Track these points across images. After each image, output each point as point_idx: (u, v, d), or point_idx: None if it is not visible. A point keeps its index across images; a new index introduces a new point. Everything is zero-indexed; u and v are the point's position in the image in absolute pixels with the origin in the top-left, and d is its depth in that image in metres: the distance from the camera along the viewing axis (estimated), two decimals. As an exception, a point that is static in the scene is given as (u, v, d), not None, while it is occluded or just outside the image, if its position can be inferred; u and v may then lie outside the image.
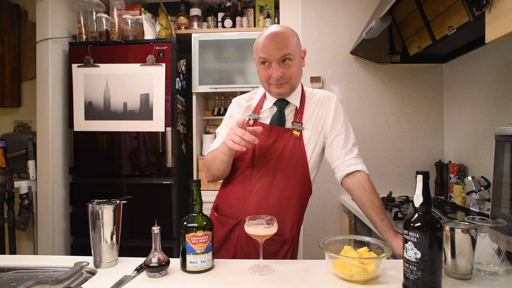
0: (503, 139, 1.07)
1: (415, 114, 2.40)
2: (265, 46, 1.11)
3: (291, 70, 1.13)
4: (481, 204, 1.63)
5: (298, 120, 1.20)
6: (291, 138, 1.18)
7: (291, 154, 1.17)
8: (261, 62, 1.15)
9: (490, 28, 1.10)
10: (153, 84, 2.26)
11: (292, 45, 1.11)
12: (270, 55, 1.10)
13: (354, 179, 1.17)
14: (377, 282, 0.87)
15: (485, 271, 0.91)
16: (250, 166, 1.19)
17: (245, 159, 1.20)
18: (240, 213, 1.17)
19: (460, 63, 2.15)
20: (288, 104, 1.23)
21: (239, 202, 1.19)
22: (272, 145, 1.18)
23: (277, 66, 1.11)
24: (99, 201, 1.01)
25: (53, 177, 2.31)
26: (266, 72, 1.14)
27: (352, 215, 2.08)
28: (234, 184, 1.22)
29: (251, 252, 1.16)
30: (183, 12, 2.64)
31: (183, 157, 2.50)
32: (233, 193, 1.22)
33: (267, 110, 1.24)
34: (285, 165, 1.17)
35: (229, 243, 1.19)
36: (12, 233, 2.32)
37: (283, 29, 1.13)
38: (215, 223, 1.22)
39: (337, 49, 2.44)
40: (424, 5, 1.84)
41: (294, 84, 1.17)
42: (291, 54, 1.11)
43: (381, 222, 1.10)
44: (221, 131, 1.31)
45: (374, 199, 1.12)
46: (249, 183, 1.18)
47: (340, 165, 1.20)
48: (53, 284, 0.80)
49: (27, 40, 2.65)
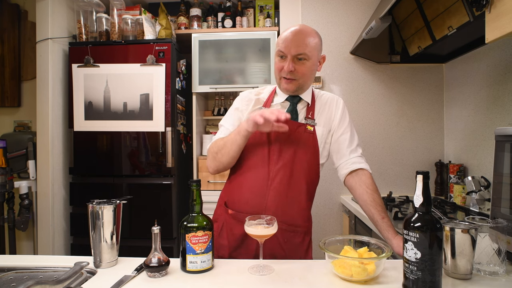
0: (503, 139, 1.07)
1: (415, 114, 2.40)
2: (285, 40, 1.15)
3: (303, 69, 1.16)
4: (481, 204, 1.63)
5: (310, 116, 1.23)
6: (305, 133, 1.20)
7: (306, 148, 1.19)
8: (278, 55, 1.18)
9: (490, 28, 1.10)
10: (153, 84, 2.26)
11: (310, 46, 1.14)
12: (287, 50, 1.14)
13: (357, 177, 1.19)
14: (377, 282, 0.87)
15: (485, 271, 0.91)
16: (266, 159, 1.18)
17: (259, 153, 1.19)
18: (260, 208, 1.16)
19: (460, 63, 2.15)
20: (301, 100, 1.25)
21: (257, 197, 1.17)
22: (288, 139, 1.18)
23: (290, 61, 1.14)
24: (99, 201, 1.01)
25: (53, 177, 2.30)
26: (280, 64, 1.17)
27: (352, 215, 2.07)
28: (249, 179, 1.20)
29: (274, 246, 1.13)
30: (183, 12, 2.64)
31: (183, 157, 2.50)
32: (248, 188, 1.19)
33: (278, 105, 1.25)
34: (301, 159, 1.18)
35: (249, 240, 1.14)
36: (12, 233, 2.32)
37: (307, 29, 1.17)
38: (229, 220, 1.20)
39: (337, 49, 2.44)
40: (424, 5, 1.84)
41: (302, 84, 1.19)
42: (306, 54, 1.14)
43: (382, 221, 1.11)
44: (225, 123, 1.29)
45: (376, 197, 1.14)
46: (267, 177, 1.17)
47: (344, 162, 1.23)
48: (53, 284, 0.80)
49: (27, 40, 2.65)
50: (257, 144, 1.20)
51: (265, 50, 2.45)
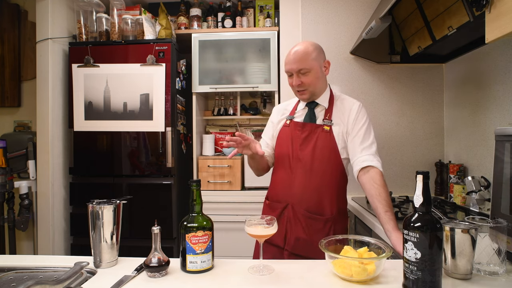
0: (503, 139, 1.07)
1: (415, 114, 2.40)
2: (288, 62, 1.37)
3: (308, 79, 1.35)
4: (481, 204, 1.63)
5: (328, 117, 1.40)
6: (322, 132, 1.38)
7: (323, 145, 1.36)
8: (287, 74, 1.41)
9: (490, 28, 1.10)
10: (153, 84, 2.26)
11: (309, 60, 1.34)
12: (290, 68, 1.37)
13: (368, 174, 1.29)
14: (377, 282, 0.87)
15: (485, 271, 0.91)
16: (291, 157, 1.40)
17: (285, 152, 1.42)
18: (288, 197, 1.38)
19: (460, 63, 2.15)
20: (318, 105, 1.43)
21: (285, 188, 1.40)
22: (307, 138, 1.39)
23: (296, 76, 1.36)
24: (99, 201, 1.01)
25: (53, 177, 2.30)
26: (290, 81, 1.40)
27: (352, 215, 2.07)
28: (279, 174, 1.44)
29: (298, 230, 1.34)
30: (183, 12, 2.64)
31: (183, 157, 2.50)
32: (279, 181, 1.43)
33: (300, 111, 1.47)
34: (319, 155, 1.35)
35: (280, 224, 1.35)
36: (12, 233, 2.32)
37: (303, 47, 1.36)
38: (266, 209, 1.47)
39: (337, 49, 2.44)
40: (424, 5, 1.83)
41: (314, 90, 1.39)
42: (307, 68, 1.34)
43: (385, 214, 1.16)
44: (264, 135, 1.58)
45: (382, 192, 1.23)
46: (292, 172, 1.38)
47: (356, 160, 1.34)
48: (53, 284, 0.80)
49: (27, 40, 2.65)
50: (283, 146, 1.44)
51: (265, 50, 2.45)
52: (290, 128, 1.44)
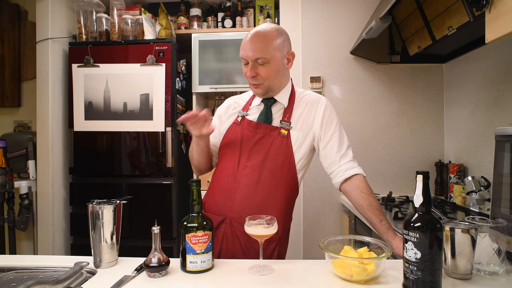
0: (503, 139, 1.07)
1: (415, 114, 2.40)
2: (244, 46, 1.14)
3: (264, 72, 1.13)
4: (481, 204, 1.63)
5: (286, 119, 1.19)
6: (278, 137, 1.17)
7: (277, 153, 1.16)
8: (242, 61, 1.18)
9: (490, 28, 1.10)
10: (153, 84, 2.26)
11: (269, 49, 1.11)
12: (246, 56, 1.13)
13: (352, 183, 1.15)
14: (377, 282, 0.87)
15: (485, 271, 0.91)
16: (236, 162, 1.18)
17: (231, 155, 1.20)
18: (226, 209, 1.16)
19: (460, 63, 2.15)
20: (276, 102, 1.22)
21: (224, 198, 1.18)
22: (259, 142, 1.18)
23: (251, 66, 1.13)
24: (99, 201, 1.01)
25: (53, 177, 2.30)
26: (244, 70, 1.17)
27: (352, 215, 2.07)
28: (220, 180, 1.22)
29: (236, 251, 1.14)
30: (183, 12, 2.64)
31: (183, 157, 2.50)
32: (219, 189, 1.21)
33: (255, 107, 1.25)
34: (271, 163, 1.16)
35: (215, 240, 1.15)
36: (12, 233, 2.32)
37: (265, 31, 1.14)
38: None
39: (337, 49, 2.44)
40: (424, 5, 1.83)
41: (269, 86, 1.17)
42: (265, 58, 1.11)
43: (380, 224, 1.09)
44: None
45: (372, 201, 1.11)
46: (235, 180, 1.17)
47: (336, 170, 1.18)
48: (53, 284, 0.80)
49: (27, 40, 2.65)
50: (230, 147, 1.21)
51: (265, 50, 2.45)
52: (241, 127, 1.21)
